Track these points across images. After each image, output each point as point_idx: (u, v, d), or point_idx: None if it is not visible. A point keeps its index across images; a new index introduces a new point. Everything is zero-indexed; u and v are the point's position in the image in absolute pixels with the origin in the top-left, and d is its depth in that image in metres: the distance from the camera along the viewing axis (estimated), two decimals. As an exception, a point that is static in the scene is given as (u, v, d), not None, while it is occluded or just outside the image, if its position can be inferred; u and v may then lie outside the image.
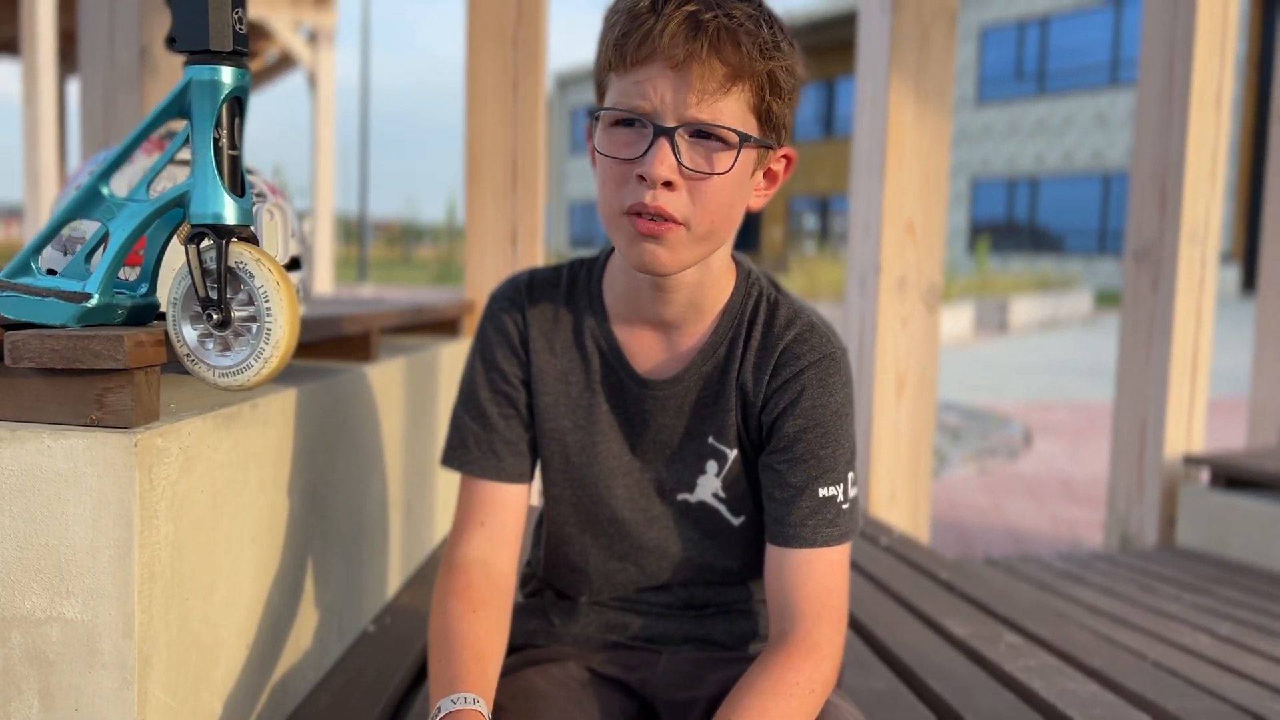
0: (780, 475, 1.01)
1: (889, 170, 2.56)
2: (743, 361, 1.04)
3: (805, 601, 0.98)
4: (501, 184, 2.46)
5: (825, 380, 1.01)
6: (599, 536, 1.11)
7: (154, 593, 0.93)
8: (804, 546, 0.99)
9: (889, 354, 2.65)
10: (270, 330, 0.92)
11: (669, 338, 1.06)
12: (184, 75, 0.92)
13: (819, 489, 1.00)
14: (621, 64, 0.91)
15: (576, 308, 1.09)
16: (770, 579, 1.01)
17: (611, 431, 1.08)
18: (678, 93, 0.89)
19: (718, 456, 1.07)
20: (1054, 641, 1.68)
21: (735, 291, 1.06)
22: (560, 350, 1.08)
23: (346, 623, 1.51)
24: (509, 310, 1.09)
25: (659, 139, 0.90)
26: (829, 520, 1.00)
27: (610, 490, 1.09)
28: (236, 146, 0.94)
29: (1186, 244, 2.85)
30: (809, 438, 1.00)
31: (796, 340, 1.03)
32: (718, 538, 1.10)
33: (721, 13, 0.89)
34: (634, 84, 0.90)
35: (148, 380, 0.94)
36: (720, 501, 1.08)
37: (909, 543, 2.38)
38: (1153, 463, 2.96)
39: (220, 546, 1.07)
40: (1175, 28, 2.85)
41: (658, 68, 0.89)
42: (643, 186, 0.90)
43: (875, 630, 1.69)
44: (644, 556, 1.11)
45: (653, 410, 1.07)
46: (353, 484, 1.50)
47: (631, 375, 1.06)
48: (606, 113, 0.93)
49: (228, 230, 0.92)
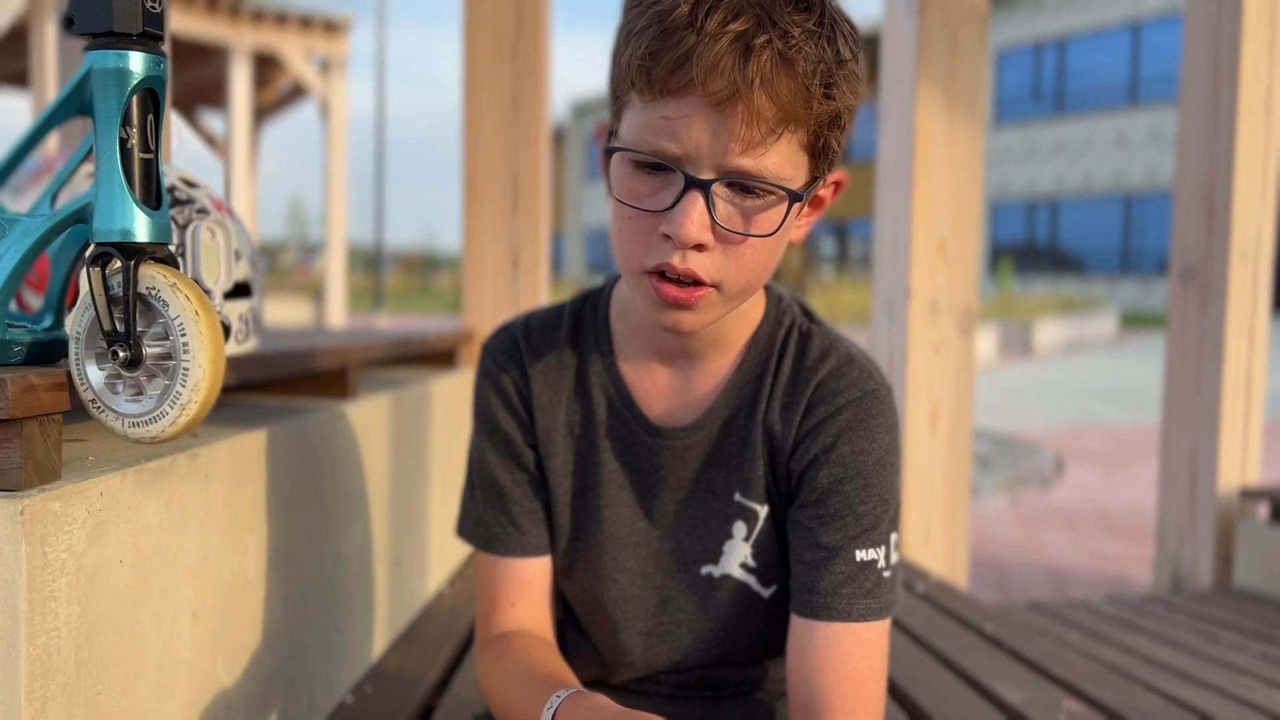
0: (811, 533, 0.84)
1: (918, 186, 2.38)
2: (770, 400, 0.88)
3: (835, 691, 0.80)
4: (502, 205, 2.30)
5: (865, 422, 0.84)
6: (604, 621, 0.94)
7: (49, 691, 0.76)
8: (836, 620, 0.82)
9: (921, 383, 2.46)
10: (188, 370, 0.75)
11: (687, 377, 0.90)
12: (84, 62, 0.76)
13: (856, 551, 0.83)
14: (649, 89, 0.72)
15: (582, 350, 0.93)
16: (794, 660, 0.83)
17: (621, 494, 0.92)
18: (716, 138, 0.71)
19: (746, 516, 0.89)
20: (1119, 709, 1.48)
21: (764, 321, 0.90)
22: (567, 401, 0.93)
23: (320, 695, 1.34)
24: (504, 366, 0.94)
25: (691, 193, 0.72)
26: (866, 590, 0.82)
27: (617, 564, 0.93)
28: (151, 148, 0.78)
29: (1237, 261, 2.66)
30: (846, 489, 0.84)
31: (832, 376, 0.86)
32: (744, 616, 0.92)
33: (777, 33, 0.70)
34: (663, 119, 0.72)
35: (43, 432, 0.78)
36: (749, 572, 0.90)
37: (947, 589, 2.18)
38: (1205, 496, 2.75)
39: (148, 626, 0.90)
40: (1220, 34, 2.67)
41: (694, 103, 0.71)
42: (668, 244, 0.74)
43: (918, 698, 1.50)
44: (656, 642, 0.94)
45: (669, 464, 0.90)
46: (327, 539, 1.33)
47: (643, 424, 0.90)
48: (627, 154, 0.75)
49: (137, 249, 0.76)
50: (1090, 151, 22.86)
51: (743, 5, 0.70)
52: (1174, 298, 2.83)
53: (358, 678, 1.49)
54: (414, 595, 1.81)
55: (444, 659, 1.60)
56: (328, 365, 1.39)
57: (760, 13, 0.70)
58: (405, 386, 1.73)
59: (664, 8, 0.71)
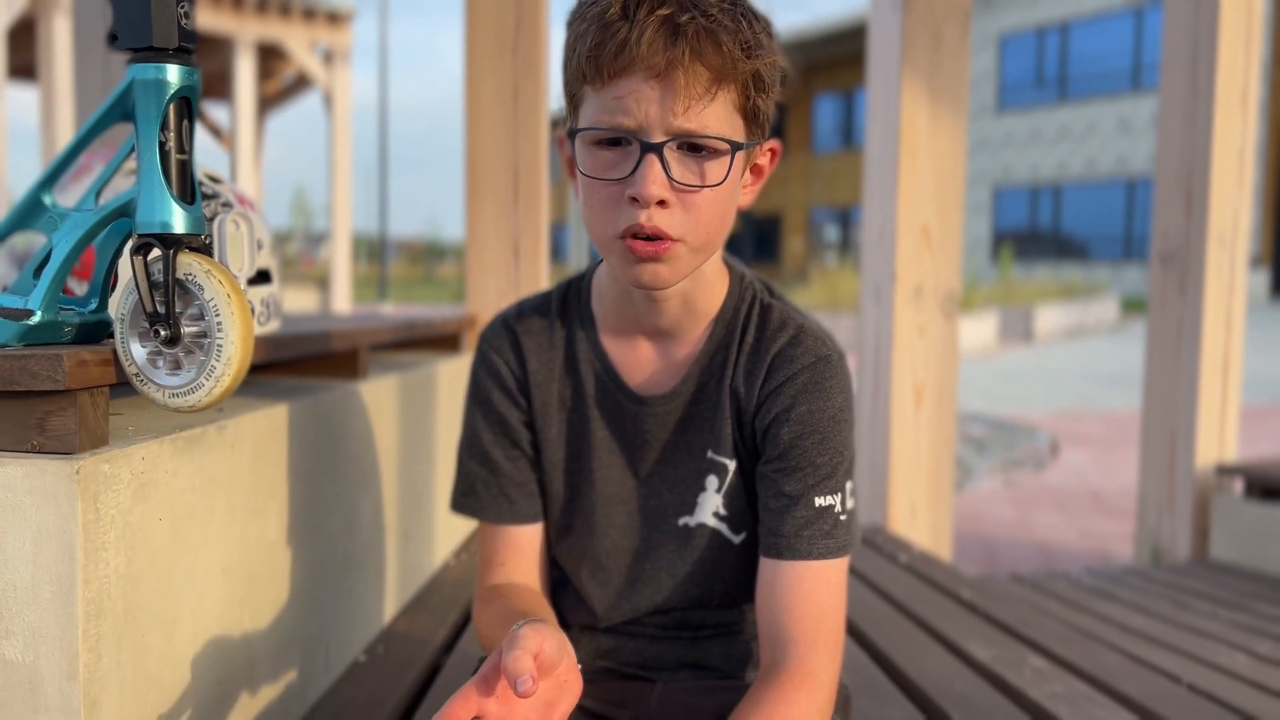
0: (775, 484, 0.95)
1: (903, 175, 2.48)
2: (735, 366, 0.99)
3: (798, 625, 0.91)
4: (503, 196, 2.40)
5: (820, 385, 0.95)
6: (597, 570, 1.05)
7: (102, 631, 0.87)
8: (798, 559, 0.92)
9: (906, 364, 2.56)
10: (221, 346, 0.85)
11: (664, 348, 1.01)
12: (127, 74, 0.85)
13: (815, 498, 0.94)
14: (598, 77, 0.84)
15: (570, 330, 1.04)
16: (762, 597, 0.94)
17: (610, 457, 1.03)
18: (662, 104, 0.83)
19: (717, 470, 1.00)
20: (1082, 665, 1.58)
21: (729, 297, 1.01)
22: (559, 377, 1.04)
23: (335, 653, 1.44)
24: (499, 351, 1.04)
25: (647, 156, 0.84)
26: (825, 531, 0.93)
27: (610, 519, 1.03)
28: (185, 150, 0.88)
29: (1215, 246, 2.75)
30: (804, 444, 0.94)
31: (790, 344, 0.97)
32: (719, 560, 1.03)
33: (698, 12, 0.82)
34: (614, 99, 0.84)
35: (93, 402, 0.88)
36: (721, 520, 1.02)
37: (930, 560, 2.28)
38: (1184, 473, 2.85)
39: (183, 580, 1.00)
40: (1198, 25, 2.76)
41: (638, 79, 0.83)
42: (635, 207, 0.85)
43: (893, 656, 1.60)
44: (641, 587, 1.05)
45: (651, 428, 1.01)
46: (341, 508, 1.43)
47: (627, 394, 1.01)
48: (588, 133, 0.87)
49: (175, 239, 0.86)
50: (1093, 137, 22.84)
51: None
52: (1154, 282, 2.92)
53: (370, 639, 1.59)
54: (422, 565, 1.91)
55: (450, 622, 1.70)
56: (340, 347, 1.49)
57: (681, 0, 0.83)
58: (412, 369, 1.83)
59: (600, 9, 0.84)
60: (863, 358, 2.71)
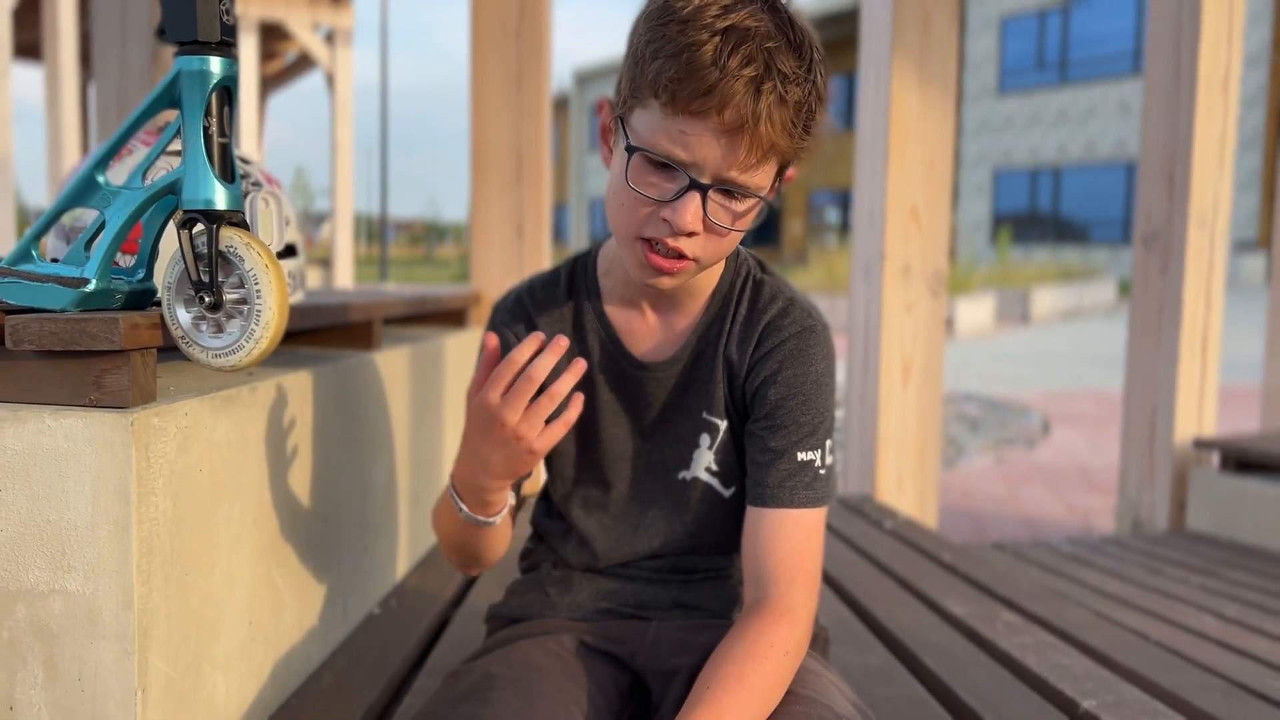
0: (762, 440, 1.06)
1: (892, 157, 2.57)
2: (729, 335, 1.09)
3: (779, 565, 1.01)
4: (507, 177, 2.49)
5: (805, 352, 1.06)
6: (604, 519, 1.16)
7: (153, 567, 0.97)
8: (781, 507, 1.03)
9: (894, 341, 2.65)
10: (260, 311, 0.95)
11: (665, 319, 1.11)
12: (174, 66, 0.95)
13: (798, 453, 1.04)
14: (671, 105, 0.89)
15: (577, 302, 1.13)
16: (747, 542, 1.04)
17: (616, 419, 1.13)
18: (723, 156, 0.90)
19: (710, 429, 1.11)
20: (1052, 620, 1.69)
21: (725, 273, 1.11)
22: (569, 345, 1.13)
23: (352, 605, 1.54)
24: (511, 323, 1.14)
25: (692, 193, 0.92)
26: (806, 483, 1.03)
27: (617, 474, 1.14)
28: (226, 134, 0.97)
29: (1195, 228, 2.84)
30: (789, 404, 1.05)
31: (779, 315, 1.07)
32: (710, 512, 1.13)
33: (778, 80, 0.88)
34: (680, 132, 0.90)
35: (144, 362, 0.97)
36: (713, 475, 1.12)
37: (914, 526, 2.39)
38: (1163, 447, 2.95)
39: (220, 526, 1.10)
40: (1181, 11, 2.84)
41: (708, 126, 0.89)
42: (664, 226, 0.94)
43: (873, 609, 1.71)
44: (641, 533, 1.15)
45: (653, 391, 1.11)
46: (358, 469, 1.53)
47: (630, 360, 1.11)
48: (643, 153, 0.93)
49: (218, 215, 0.95)
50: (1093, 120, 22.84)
51: (755, 51, 0.88)
52: (1137, 262, 3.02)
53: (384, 593, 1.70)
54: (429, 529, 2.01)
55: (459, 580, 1.81)
56: (357, 318, 1.59)
57: (768, 58, 0.88)
58: (422, 341, 1.93)
59: (692, 41, 0.89)
60: (853, 335, 2.80)
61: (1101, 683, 1.40)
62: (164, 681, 0.99)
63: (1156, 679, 1.45)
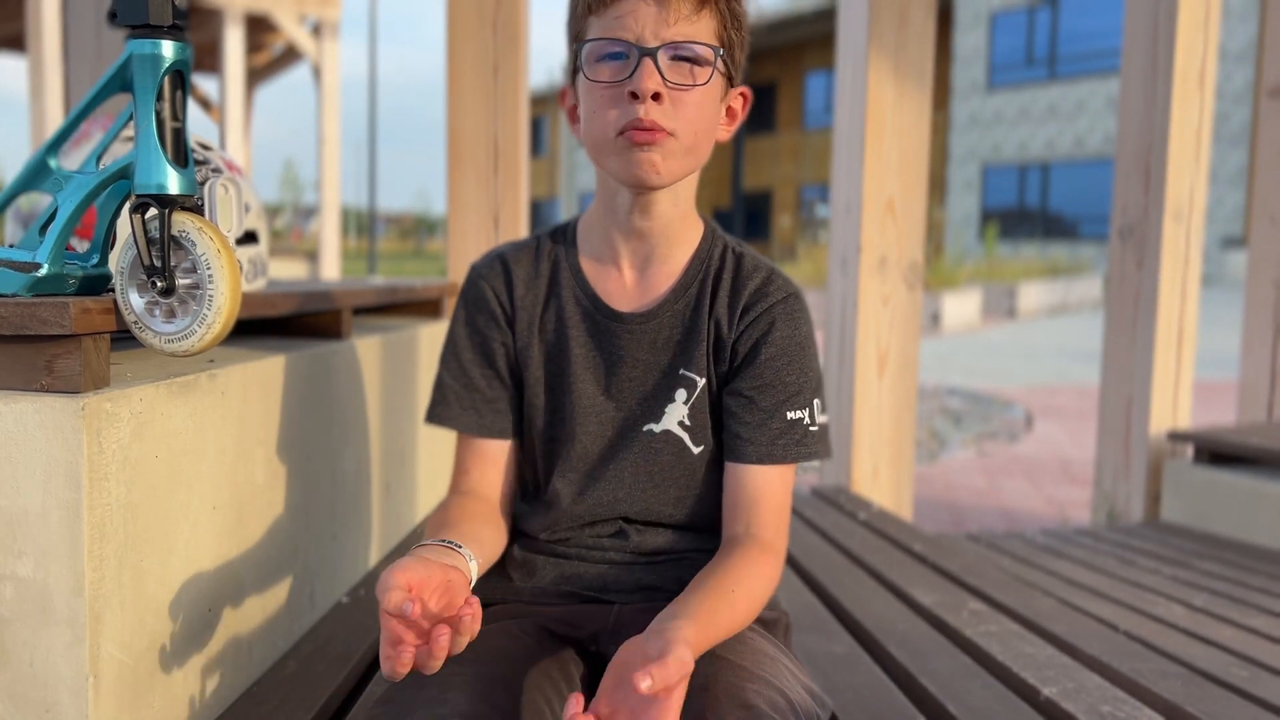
0: (752, 401, 1.11)
1: (869, 150, 2.57)
2: (714, 300, 1.14)
3: (771, 513, 1.09)
4: (483, 167, 2.49)
5: (790, 316, 1.12)
6: (568, 470, 1.17)
7: (105, 553, 0.96)
8: (774, 464, 1.09)
9: (870, 333, 2.66)
10: (212, 297, 0.95)
11: (642, 276, 1.15)
12: (125, 49, 0.94)
13: (787, 412, 1.10)
14: (600, 6, 1.01)
15: (554, 262, 1.18)
16: (734, 488, 1.11)
17: (586, 373, 1.15)
18: (656, 20, 0.99)
19: (687, 385, 1.14)
20: (1017, 609, 1.70)
21: (703, 241, 1.16)
22: (543, 301, 1.17)
23: (319, 593, 1.54)
24: (488, 278, 1.18)
25: (644, 59, 0.99)
26: (796, 440, 1.10)
27: (584, 428, 1.16)
28: (179, 118, 0.97)
29: (1170, 222, 2.85)
30: (777, 365, 1.11)
31: (764, 283, 1.14)
32: (675, 467, 1.16)
33: None
34: (615, 18, 1.00)
35: (96, 347, 0.97)
36: (684, 430, 1.15)
37: (887, 517, 2.40)
38: (1138, 439, 2.97)
39: (179, 512, 1.10)
40: (1158, 6, 2.85)
41: (636, 2, 0.99)
42: (634, 104, 0.99)
43: (841, 598, 1.72)
44: (603, 485, 1.16)
45: (628, 345, 1.14)
46: (326, 458, 1.53)
47: (606, 312, 1.14)
48: (592, 44, 1.02)
49: (170, 200, 0.95)
50: (1082, 115, 22.90)
51: None
52: (1113, 255, 3.03)
53: (354, 582, 1.69)
54: (403, 518, 2.01)
55: (428, 570, 1.80)
56: (324, 306, 1.59)
57: None
58: (394, 331, 1.93)
59: None
60: (829, 326, 2.81)
61: (1063, 670, 1.41)
62: (117, 667, 0.99)
63: (1118, 667, 1.46)
